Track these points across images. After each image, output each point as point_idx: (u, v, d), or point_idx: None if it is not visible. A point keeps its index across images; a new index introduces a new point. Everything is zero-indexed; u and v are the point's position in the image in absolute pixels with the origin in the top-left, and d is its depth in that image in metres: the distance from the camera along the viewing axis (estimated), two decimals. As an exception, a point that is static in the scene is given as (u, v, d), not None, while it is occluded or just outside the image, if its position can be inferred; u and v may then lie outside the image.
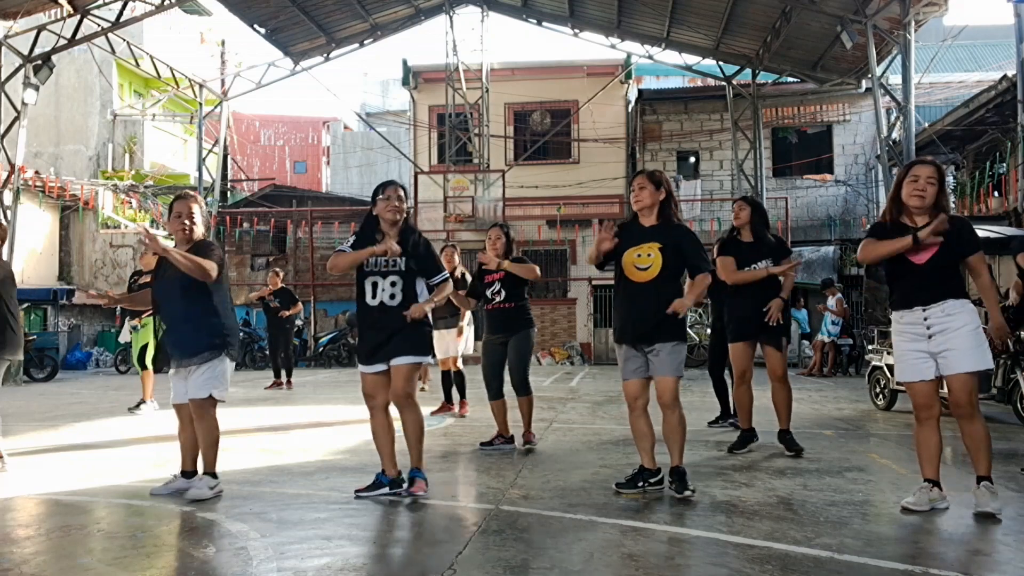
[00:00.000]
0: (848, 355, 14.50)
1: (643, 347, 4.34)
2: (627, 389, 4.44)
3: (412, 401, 4.36)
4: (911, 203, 3.98)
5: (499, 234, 6.11)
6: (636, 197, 4.44)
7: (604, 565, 3.18)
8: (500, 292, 5.93)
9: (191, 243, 4.48)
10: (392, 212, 4.35)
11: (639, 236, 4.40)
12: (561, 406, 9.12)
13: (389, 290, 4.30)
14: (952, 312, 3.90)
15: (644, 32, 19.08)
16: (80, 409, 9.31)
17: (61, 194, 19.96)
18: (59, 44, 15.21)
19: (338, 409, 9.01)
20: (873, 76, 14.38)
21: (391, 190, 4.39)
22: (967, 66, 22.91)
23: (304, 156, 33.59)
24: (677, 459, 4.35)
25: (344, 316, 19.63)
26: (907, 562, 3.17)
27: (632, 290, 4.37)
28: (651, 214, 4.42)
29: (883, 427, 7.39)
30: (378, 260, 4.30)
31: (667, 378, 4.30)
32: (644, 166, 19.85)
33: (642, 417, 4.41)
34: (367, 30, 19.83)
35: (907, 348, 4.01)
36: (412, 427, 4.37)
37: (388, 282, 4.31)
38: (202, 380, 4.38)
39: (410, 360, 4.31)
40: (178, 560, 3.40)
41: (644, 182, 4.42)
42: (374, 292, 4.32)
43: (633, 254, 4.36)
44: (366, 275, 4.34)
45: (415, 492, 4.31)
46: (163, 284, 4.49)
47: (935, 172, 3.97)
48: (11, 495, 4.60)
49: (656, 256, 4.31)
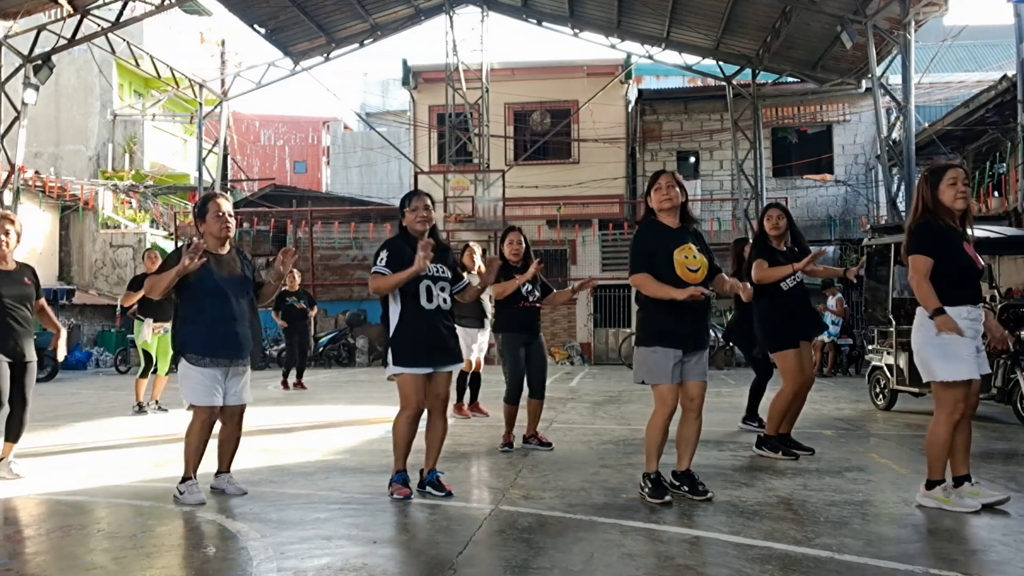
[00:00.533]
0: (848, 355, 14.52)
1: (693, 351, 4.25)
2: (671, 393, 4.20)
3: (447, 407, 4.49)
4: (958, 206, 3.97)
5: (519, 238, 6.07)
6: (667, 195, 4.27)
7: (604, 565, 3.18)
8: (535, 292, 5.97)
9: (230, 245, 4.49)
10: (421, 223, 4.38)
11: (676, 237, 4.26)
12: (561, 406, 9.12)
13: (441, 295, 4.38)
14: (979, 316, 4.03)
15: (644, 32, 19.09)
16: (80, 409, 9.30)
17: (61, 194, 19.96)
18: (59, 44, 15.22)
19: (338, 409, 9.02)
20: (873, 76, 14.38)
21: (417, 200, 4.42)
22: (967, 66, 22.91)
23: (304, 156, 33.59)
24: (687, 463, 4.36)
25: (344, 316, 19.64)
26: (907, 562, 3.18)
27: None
28: (676, 215, 4.33)
29: (883, 427, 7.39)
30: (428, 267, 4.29)
31: (703, 382, 4.30)
32: (644, 166, 19.88)
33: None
34: (367, 30, 19.84)
35: (964, 345, 3.91)
36: (443, 433, 4.45)
37: (439, 287, 4.37)
38: (247, 385, 4.46)
39: (458, 367, 4.49)
40: (178, 560, 3.41)
41: (672, 181, 4.31)
42: (430, 296, 4.34)
43: (681, 255, 4.20)
44: (420, 279, 4.32)
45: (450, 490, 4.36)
46: (229, 281, 4.35)
47: (965, 175, 4.02)
48: (11, 495, 4.60)
49: (701, 258, 4.25)
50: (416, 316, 4.32)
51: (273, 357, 16.80)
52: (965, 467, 4.05)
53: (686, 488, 4.28)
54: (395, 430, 4.37)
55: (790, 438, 5.69)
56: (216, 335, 4.28)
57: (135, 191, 22.87)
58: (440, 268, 4.40)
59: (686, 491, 4.27)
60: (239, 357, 4.37)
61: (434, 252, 4.25)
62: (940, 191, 3.99)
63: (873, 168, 19.07)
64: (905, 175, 13.37)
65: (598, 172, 20.19)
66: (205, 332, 4.27)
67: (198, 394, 4.28)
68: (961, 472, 4.04)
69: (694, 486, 4.27)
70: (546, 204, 19.53)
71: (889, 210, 14.56)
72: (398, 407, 4.36)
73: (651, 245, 4.26)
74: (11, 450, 5.12)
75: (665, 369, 4.17)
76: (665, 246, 4.21)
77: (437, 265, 4.37)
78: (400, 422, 4.35)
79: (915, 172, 13.46)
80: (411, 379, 4.29)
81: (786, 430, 5.69)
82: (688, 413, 4.32)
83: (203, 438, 4.35)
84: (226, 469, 4.54)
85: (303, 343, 11.70)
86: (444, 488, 4.35)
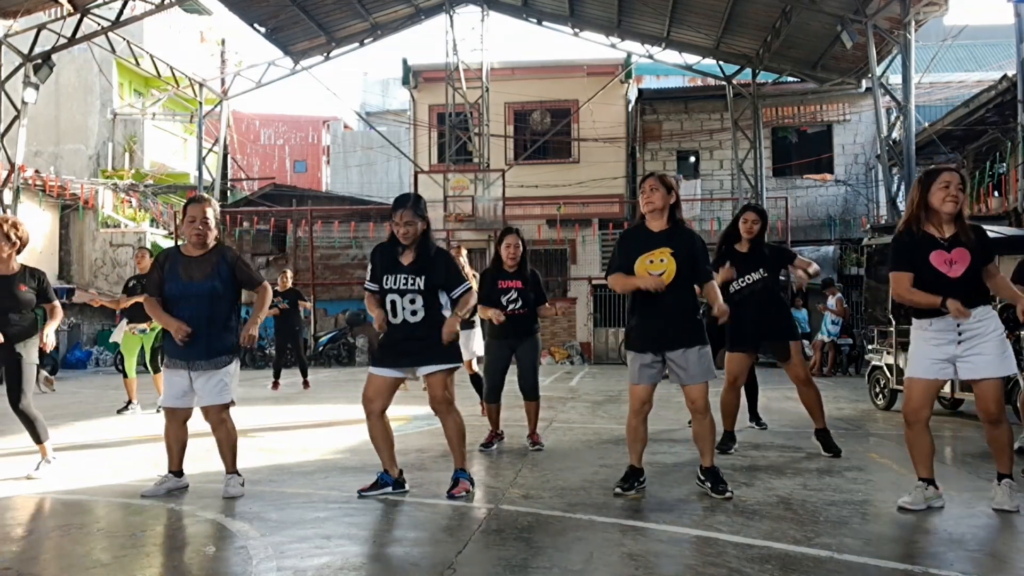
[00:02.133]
0: (848, 355, 14.52)
1: (667, 354, 4.31)
2: (638, 393, 4.39)
3: (451, 406, 4.42)
4: (946, 209, 3.93)
5: (517, 241, 5.99)
6: (648, 198, 4.38)
7: (604, 565, 3.18)
8: (517, 300, 5.91)
9: (206, 247, 4.49)
10: (401, 237, 4.33)
11: (649, 242, 4.36)
12: (561, 406, 9.12)
13: (409, 307, 4.31)
14: (983, 318, 3.93)
15: (644, 32, 19.08)
16: (80, 408, 9.31)
17: (61, 193, 19.95)
18: (59, 43, 15.21)
19: (338, 409, 9.02)
20: (873, 76, 14.38)
21: (397, 215, 4.30)
22: (967, 66, 22.90)
23: (304, 155, 33.58)
24: (709, 460, 4.40)
25: (344, 315, 19.63)
26: (907, 562, 3.18)
27: (649, 295, 4.30)
28: (661, 217, 4.39)
29: (883, 427, 7.39)
30: (396, 279, 4.30)
31: (699, 385, 4.32)
32: (644, 166, 19.87)
33: (644, 422, 4.44)
34: (367, 29, 19.83)
35: (927, 351, 3.99)
36: (454, 431, 4.42)
37: (407, 299, 4.30)
38: (221, 385, 4.44)
39: (442, 367, 4.36)
40: (178, 560, 3.40)
41: (656, 184, 4.38)
42: (394, 310, 4.32)
43: (645, 261, 4.32)
44: (385, 293, 4.34)
45: (457, 493, 4.32)
46: (187, 286, 4.42)
47: (961, 179, 3.98)
48: (11, 495, 4.60)
49: (669, 261, 4.28)
50: (387, 329, 4.38)
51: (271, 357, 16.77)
52: (924, 469, 4.06)
53: (708, 484, 4.34)
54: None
55: (826, 434, 5.75)
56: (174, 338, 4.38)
57: (135, 190, 22.85)
58: (408, 281, 4.29)
59: (708, 488, 4.33)
60: (199, 359, 4.40)
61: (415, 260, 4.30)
62: (931, 193, 3.98)
63: (873, 168, 19.07)
64: (905, 175, 13.37)
65: (598, 172, 20.19)
66: (171, 335, 4.39)
67: (165, 395, 4.57)
68: (921, 474, 4.07)
69: (715, 483, 4.32)
70: (546, 204, 19.53)
71: (889, 210, 14.56)
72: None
73: (624, 250, 4.45)
74: (45, 450, 5.18)
75: (635, 371, 4.39)
76: (635, 250, 4.38)
77: (404, 277, 4.29)
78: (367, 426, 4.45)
79: (915, 172, 13.47)
80: (371, 378, 4.39)
81: (820, 425, 5.77)
82: (694, 414, 4.40)
83: (172, 436, 4.55)
84: (228, 469, 4.55)
85: (294, 342, 11.61)
86: (451, 491, 4.33)
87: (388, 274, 4.33)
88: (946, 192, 3.93)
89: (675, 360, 4.30)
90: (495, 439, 6.10)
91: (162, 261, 4.55)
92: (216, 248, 4.54)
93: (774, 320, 5.71)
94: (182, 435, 4.58)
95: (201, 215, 4.45)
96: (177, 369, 4.44)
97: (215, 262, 4.47)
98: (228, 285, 4.48)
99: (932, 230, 3.99)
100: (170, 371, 4.48)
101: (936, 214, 3.98)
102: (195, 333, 4.35)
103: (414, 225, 4.30)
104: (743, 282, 5.65)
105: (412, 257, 4.33)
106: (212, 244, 4.53)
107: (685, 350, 4.28)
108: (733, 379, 5.78)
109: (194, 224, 4.45)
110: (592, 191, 20.03)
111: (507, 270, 5.96)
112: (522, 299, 5.91)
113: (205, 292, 4.41)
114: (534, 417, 6.09)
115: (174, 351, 4.43)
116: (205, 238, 4.47)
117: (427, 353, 4.32)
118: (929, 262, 3.94)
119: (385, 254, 4.40)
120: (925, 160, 17.03)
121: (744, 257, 5.70)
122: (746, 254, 5.71)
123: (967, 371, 3.92)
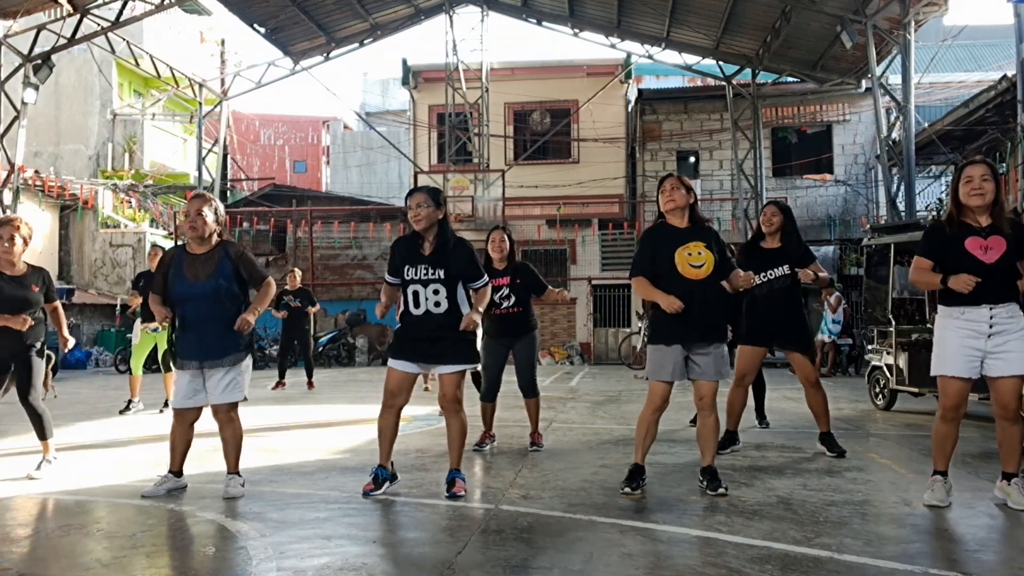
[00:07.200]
0: (848, 355, 14.52)
1: (697, 347, 4.33)
2: (660, 391, 4.38)
3: (460, 406, 4.44)
4: (972, 203, 3.99)
5: (503, 236, 6.06)
6: (670, 196, 4.43)
7: (604, 565, 3.18)
8: (510, 297, 5.88)
9: (207, 243, 4.50)
10: (416, 222, 4.36)
11: (679, 237, 4.39)
12: (561, 406, 9.12)
13: (432, 298, 4.32)
14: (1015, 315, 3.93)
15: (644, 32, 19.08)
16: (79, 409, 9.30)
17: (61, 193, 19.95)
18: (59, 43, 15.19)
19: (338, 409, 9.02)
20: (873, 76, 14.38)
21: (411, 199, 4.38)
22: (967, 66, 22.90)
23: (304, 156, 33.56)
24: (710, 459, 4.44)
25: (344, 316, 19.63)
26: (907, 562, 3.17)
27: (690, 287, 4.28)
28: (683, 216, 4.44)
29: (883, 427, 7.39)
30: (418, 269, 4.32)
31: (713, 381, 4.37)
32: (644, 166, 19.88)
33: (658, 419, 4.47)
34: (367, 30, 19.83)
35: (961, 344, 3.97)
36: (457, 432, 4.43)
37: (430, 290, 4.32)
38: (233, 384, 4.44)
39: (459, 368, 4.39)
40: (178, 560, 3.40)
41: (676, 183, 4.45)
42: (416, 301, 4.34)
43: (684, 252, 4.34)
44: (407, 284, 4.36)
45: (458, 492, 4.32)
46: (192, 285, 4.42)
47: (988, 170, 4.01)
48: (11, 495, 4.60)
49: (707, 254, 4.33)
50: (406, 319, 4.42)
51: (273, 357, 16.78)
52: (945, 462, 4.08)
53: (706, 484, 4.37)
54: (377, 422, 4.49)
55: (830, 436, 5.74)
56: (185, 338, 4.42)
57: (135, 190, 22.84)
58: (430, 271, 4.32)
59: (705, 486, 4.36)
60: (208, 358, 4.40)
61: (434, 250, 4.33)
62: (960, 188, 4.05)
63: (873, 168, 19.06)
64: (905, 175, 13.37)
65: (598, 172, 20.19)
66: (179, 335, 4.43)
67: (175, 395, 4.54)
68: (941, 467, 4.09)
69: (711, 481, 4.35)
70: (546, 204, 19.53)
71: (889, 210, 14.55)
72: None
73: (652, 247, 4.44)
74: (48, 448, 5.19)
75: (665, 366, 4.35)
76: (667, 244, 4.38)
77: (424, 267, 4.32)
78: (379, 414, 4.45)
79: (915, 172, 13.48)
80: (392, 372, 4.41)
81: (825, 428, 5.75)
82: (700, 411, 4.43)
83: (179, 437, 4.54)
84: (229, 469, 4.54)
85: (303, 341, 11.67)
86: (451, 490, 4.33)
87: (410, 265, 4.37)
88: (970, 186, 3.99)
89: (699, 353, 4.34)
90: (487, 439, 6.09)
91: (167, 261, 4.56)
92: (220, 244, 4.54)
93: (792, 327, 5.70)
94: (188, 436, 4.57)
95: (195, 209, 4.47)
96: (190, 369, 4.44)
97: (219, 258, 4.48)
98: (233, 281, 4.48)
99: (970, 221, 4.05)
100: (182, 372, 4.47)
101: (966, 207, 4.03)
102: (205, 333, 4.37)
103: (425, 208, 4.33)
104: (765, 276, 5.61)
105: (432, 247, 4.36)
106: (215, 240, 4.53)
107: (710, 345, 4.34)
108: (741, 376, 5.78)
109: (190, 218, 4.48)
110: (592, 191, 20.02)
111: (496, 268, 5.96)
112: (515, 295, 5.86)
113: (210, 291, 4.41)
114: (535, 415, 6.07)
115: (186, 351, 4.42)
116: (201, 232, 4.46)
117: (446, 352, 4.35)
118: (964, 248, 3.98)
119: (406, 246, 4.44)
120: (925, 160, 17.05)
121: (768, 253, 5.71)
122: (770, 250, 5.72)
123: (996, 368, 3.92)
